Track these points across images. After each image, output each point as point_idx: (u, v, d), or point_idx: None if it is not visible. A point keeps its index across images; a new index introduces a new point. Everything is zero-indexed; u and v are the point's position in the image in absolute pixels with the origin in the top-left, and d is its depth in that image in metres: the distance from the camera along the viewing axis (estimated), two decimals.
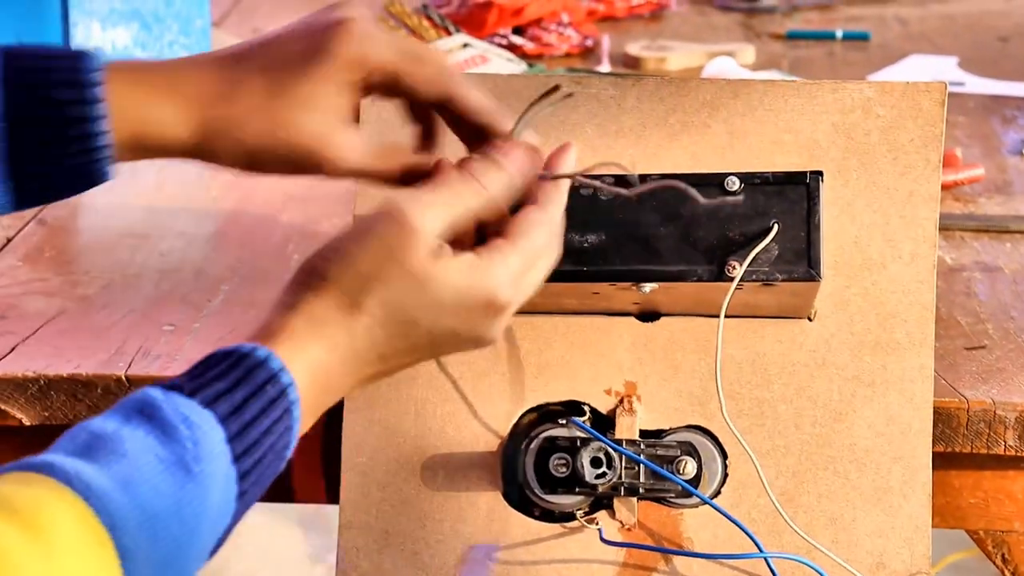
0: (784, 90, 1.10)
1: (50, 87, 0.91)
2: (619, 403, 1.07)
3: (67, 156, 0.92)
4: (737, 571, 1.05)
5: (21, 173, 0.92)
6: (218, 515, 0.80)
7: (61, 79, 0.92)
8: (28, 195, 0.94)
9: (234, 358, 0.83)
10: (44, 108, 0.91)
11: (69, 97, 0.91)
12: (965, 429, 1.10)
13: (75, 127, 0.92)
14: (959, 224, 1.40)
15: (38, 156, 0.92)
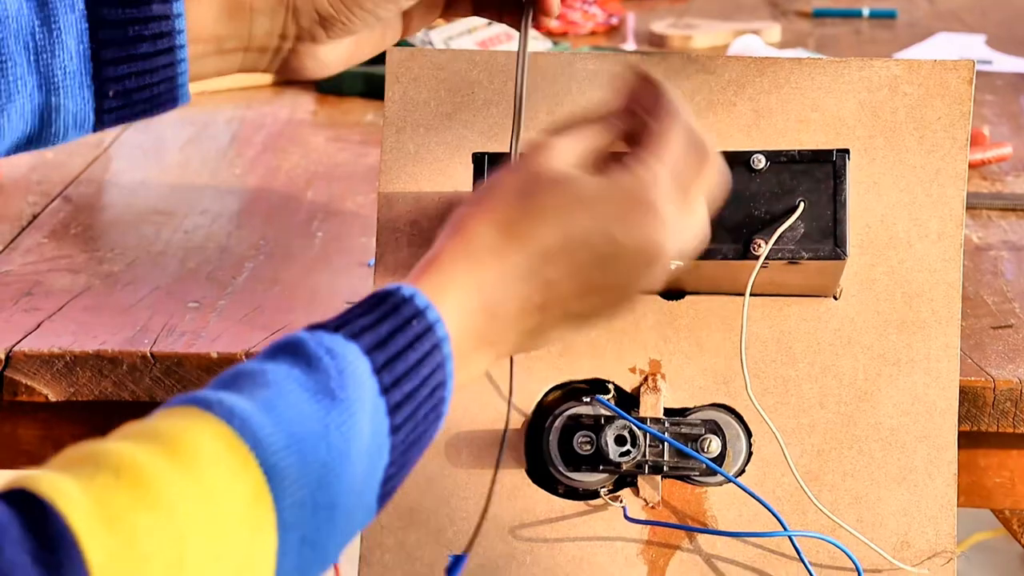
0: (810, 68, 1.10)
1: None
2: (643, 381, 1.07)
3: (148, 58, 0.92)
4: (761, 549, 1.06)
5: (102, 78, 0.92)
6: (371, 447, 0.78)
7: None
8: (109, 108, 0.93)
9: (379, 297, 0.81)
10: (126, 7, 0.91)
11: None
12: (991, 408, 1.10)
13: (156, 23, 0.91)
14: (986, 203, 1.40)
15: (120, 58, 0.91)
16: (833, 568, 1.05)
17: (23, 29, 0.89)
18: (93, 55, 0.91)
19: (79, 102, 0.92)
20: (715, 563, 1.06)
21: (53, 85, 0.91)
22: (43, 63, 0.90)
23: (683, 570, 1.06)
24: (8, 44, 0.89)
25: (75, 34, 0.90)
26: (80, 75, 0.91)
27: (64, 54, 0.90)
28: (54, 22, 0.90)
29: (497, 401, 1.07)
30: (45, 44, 0.90)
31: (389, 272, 1.09)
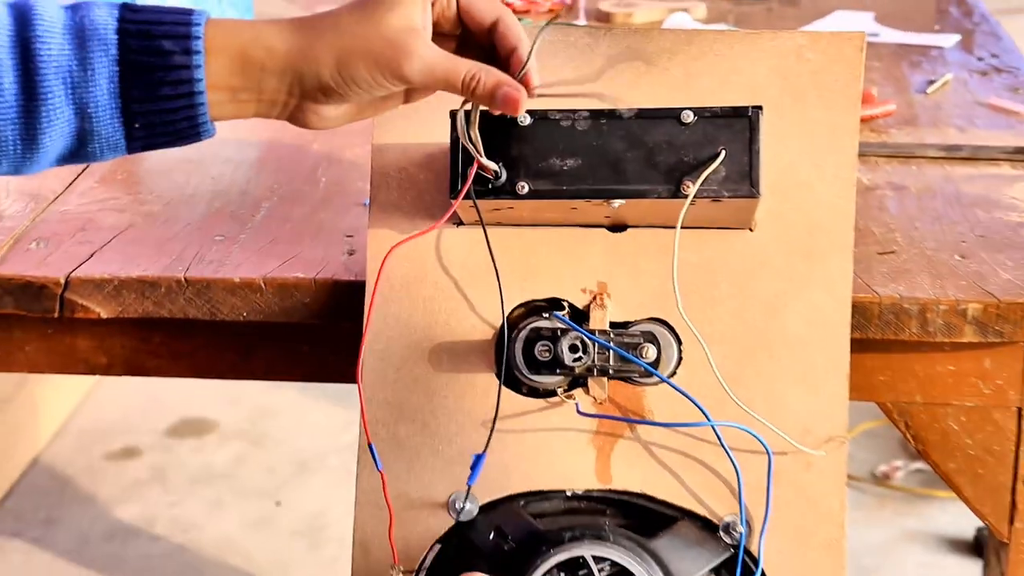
0: (730, 39, 1.09)
1: (158, 38, 0.91)
2: (593, 300, 1.07)
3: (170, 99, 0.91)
4: (689, 437, 1.06)
5: (131, 114, 0.91)
6: None
7: (168, 32, 0.91)
8: (136, 139, 0.93)
9: None
10: (152, 56, 0.91)
11: (173, 48, 0.91)
12: (877, 319, 1.10)
13: (177, 72, 0.91)
14: (874, 151, 1.39)
15: (145, 97, 0.91)
16: (748, 452, 1.05)
17: (63, 67, 0.90)
18: (122, 93, 0.91)
19: (110, 130, 0.92)
20: (651, 449, 1.06)
21: (87, 115, 0.91)
22: (78, 96, 0.90)
23: (625, 455, 1.07)
24: (49, 78, 0.90)
25: (107, 75, 0.90)
26: (110, 108, 0.91)
27: (97, 90, 0.91)
28: (89, 64, 0.90)
29: (471, 316, 1.07)
30: (81, 81, 0.90)
31: (381, 210, 1.09)
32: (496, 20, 0.96)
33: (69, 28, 0.90)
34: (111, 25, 0.91)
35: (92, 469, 2.47)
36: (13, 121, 0.90)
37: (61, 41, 0.90)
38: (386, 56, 0.92)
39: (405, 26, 0.92)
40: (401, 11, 0.93)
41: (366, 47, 0.92)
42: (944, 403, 1.14)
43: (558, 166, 1.02)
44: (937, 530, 2.31)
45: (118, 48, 0.90)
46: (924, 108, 1.52)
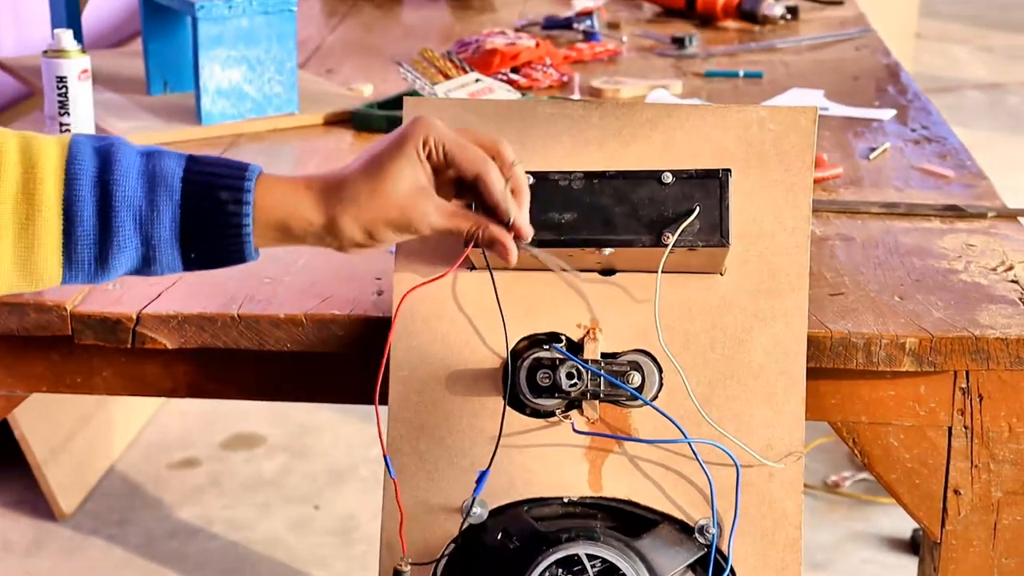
0: (703, 111, 1.08)
1: (217, 188, 0.93)
2: (586, 334, 1.06)
3: (221, 238, 0.94)
4: (669, 452, 1.05)
5: (188, 246, 0.94)
6: None
7: (226, 184, 0.94)
8: (192, 263, 0.95)
9: None
10: (209, 204, 0.93)
11: (227, 198, 0.93)
12: (829, 351, 1.10)
13: (229, 218, 0.94)
14: (825, 207, 1.39)
15: (202, 236, 0.94)
16: (719, 464, 1.04)
17: (134, 206, 0.92)
18: (182, 231, 0.93)
19: (170, 259, 0.94)
20: (637, 462, 1.05)
21: (151, 245, 0.93)
22: (145, 231, 0.93)
23: (614, 467, 1.05)
24: (121, 214, 0.92)
25: (170, 216, 0.93)
26: (171, 242, 0.93)
27: (161, 227, 0.93)
28: (156, 206, 0.93)
29: (482, 348, 1.06)
30: (148, 218, 0.93)
31: (405, 257, 1.08)
32: (476, 177, 0.96)
33: (142, 173, 0.93)
34: (178, 174, 0.93)
35: (158, 477, 2.46)
36: (89, 247, 0.92)
37: (135, 184, 0.92)
38: (404, 220, 0.95)
39: (412, 188, 0.95)
40: (407, 176, 0.95)
41: (385, 217, 0.95)
42: (886, 423, 1.13)
43: (556, 219, 1.01)
44: (879, 531, 2.30)
45: (181, 195, 0.93)
46: (867, 171, 1.52)
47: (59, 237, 0.91)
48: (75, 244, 0.92)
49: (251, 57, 1.62)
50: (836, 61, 2.09)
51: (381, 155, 0.95)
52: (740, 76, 1.97)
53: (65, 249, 0.92)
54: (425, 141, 0.95)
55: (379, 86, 1.86)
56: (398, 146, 0.95)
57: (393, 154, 0.95)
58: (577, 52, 2.06)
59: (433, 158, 0.96)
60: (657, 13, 2.40)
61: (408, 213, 0.94)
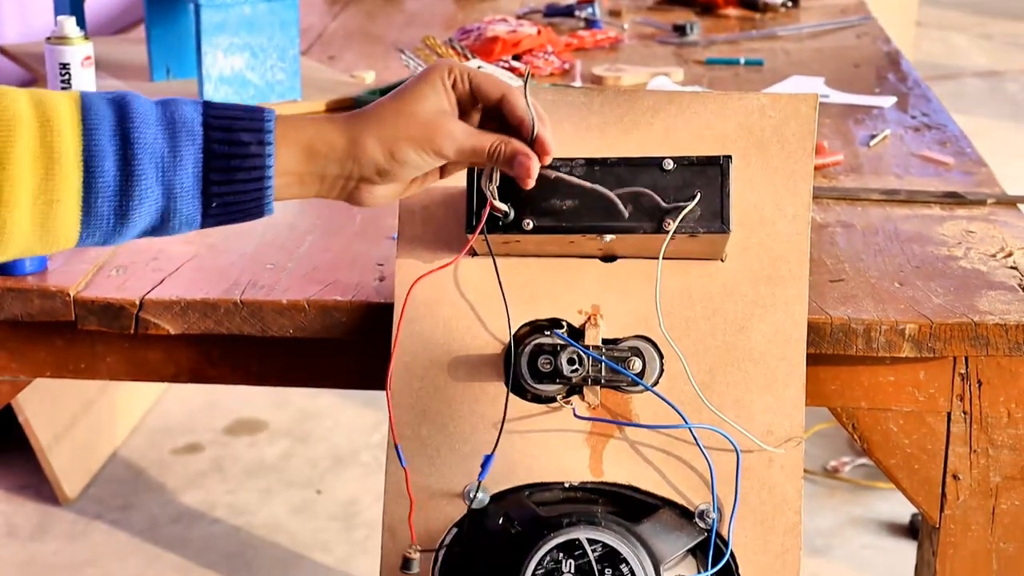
0: (704, 99, 1.08)
1: (238, 131, 0.92)
2: (587, 320, 1.06)
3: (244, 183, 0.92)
4: (669, 437, 1.05)
5: (209, 194, 0.92)
6: None
7: (246, 126, 0.92)
8: (210, 214, 0.93)
9: None
10: (232, 146, 0.91)
11: (250, 140, 0.92)
12: (829, 337, 1.10)
13: (252, 160, 0.92)
14: (826, 194, 1.39)
15: (223, 180, 0.92)
16: (719, 450, 1.04)
17: (156, 153, 0.90)
18: (204, 176, 0.91)
19: (190, 208, 0.92)
20: (637, 447, 1.05)
21: (173, 194, 0.91)
22: (167, 178, 0.90)
23: (615, 452, 1.06)
24: (144, 162, 0.90)
25: (193, 161, 0.91)
26: (193, 189, 0.91)
27: (183, 173, 0.91)
28: (178, 151, 0.91)
29: (484, 334, 1.06)
30: (170, 165, 0.90)
31: (407, 242, 1.08)
32: (501, 97, 0.96)
33: (160, 120, 0.91)
34: (197, 119, 0.91)
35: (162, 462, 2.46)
36: (110, 199, 0.89)
37: (155, 131, 0.90)
38: (427, 138, 0.94)
39: (436, 110, 0.95)
40: (431, 100, 0.95)
41: (408, 134, 0.94)
42: (885, 408, 1.13)
43: (559, 206, 1.01)
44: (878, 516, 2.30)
45: (203, 139, 0.91)
46: (867, 159, 1.52)
47: (79, 191, 0.88)
48: (95, 197, 0.89)
49: (254, 44, 1.62)
50: (837, 49, 2.08)
51: (405, 86, 0.96)
52: (741, 64, 1.96)
53: (85, 203, 0.89)
54: (450, 71, 0.96)
55: (381, 73, 1.85)
56: (423, 76, 0.96)
57: (418, 82, 0.96)
58: (578, 39, 2.05)
59: (458, 87, 0.96)
60: (658, 1, 2.40)
61: (431, 131, 0.94)
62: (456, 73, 0.96)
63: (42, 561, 2.18)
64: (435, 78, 0.95)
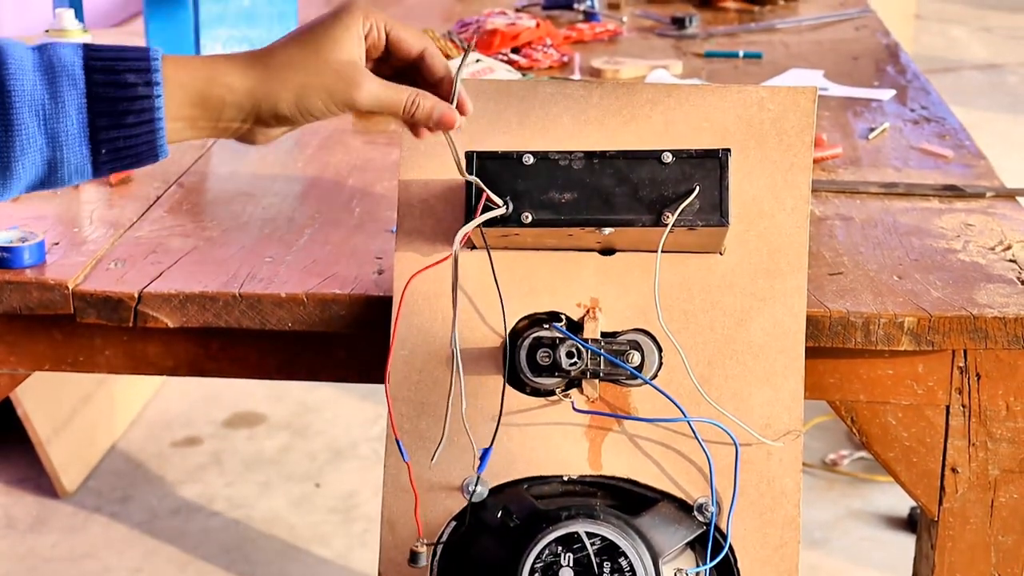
0: (703, 92, 1.08)
1: (122, 72, 0.87)
2: (586, 313, 1.06)
3: (133, 126, 0.87)
4: (669, 430, 1.05)
5: (97, 141, 0.87)
6: None
7: (131, 67, 0.88)
8: (101, 163, 0.89)
9: None
10: (117, 88, 0.87)
11: (136, 80, 0.87)
12: (828, 330, 1.10)
13: (140, 102, 0.87)
14: (824, 187, 1.39)
15: (111, 125, 0.87)
16: (718, 443, 1.04)
17: (35, 101, 0.86)
18: (89, 123, 0.87)
19: (79, 156, 0.88)
20: (636, 440, 1.05)
21: (58, 143, 0.87)
22: (50, 127, 0.87)
23: (613, 446, 1.06)
24: (22, 112, 0.86)
25: (76, 107, 0.87)
26: (79, 137, 0.87)
27: (67, 120, 0.87)
28: (59, 97, 0.86)
29: (482, 327, 1.06)
30: (52, 112, 0.86)
31: (406, 236, 1.08)
32: (421, 52, 0.93)
33: (38, 66, 0.86)
34: (77, 63, 0.87)
35: (160, 455, 2.46)
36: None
37: (32, 78, 0.86)
38: (339, 88, 0.90)
39: (349, 59, 0.90)
40: (344, 46, 0.90)
41: (320, 82, 0.89)
42: (884, 401, 1.13)
43: (557, 199, 1.01)
44: (877, 509, 2.30)
45: (85, 83, 0.87)
46: (866, 151, 1.51)
47: None
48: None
49: (252, 37, 1.62)
50: (836, 41, 2.08)
51: (316, 25, 0.91)
52: (740, 56, 1.96)
53: None
54: (366, 17, 0.91)
55: None
56: (337, 18, 0.91)
57: (332, 23, 0.91)
58: (577, 32, 2.05)
59: (373, 35, 0.91)
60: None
61: (344, 82, 0.89)
62: (373, 20, 0.91)
63: (41, 554, 2.18)
64: (350, 22, 0.90)
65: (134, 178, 1.40)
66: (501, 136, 1.08)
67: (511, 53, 1.88)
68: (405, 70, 0.94)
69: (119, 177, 1.38)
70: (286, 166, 1.46)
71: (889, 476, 1.16)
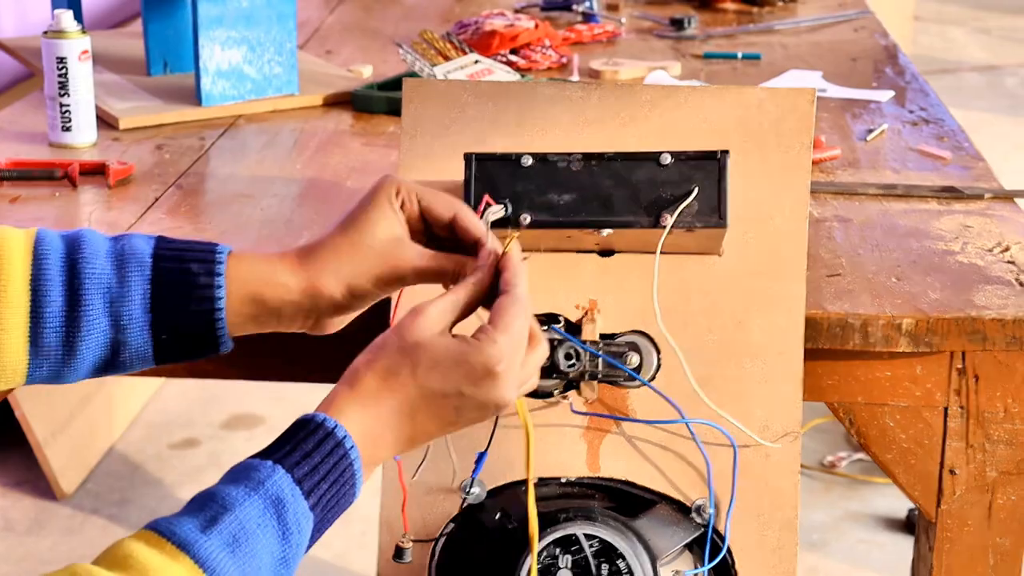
0: (702, 93, 1.08)
1: (188, 261, 0.90)
2: (585, 314, 1.06)
3: (194, 315, 0.90)
4: (667, 432, 1.05)
5: (159, 327, 0.90)
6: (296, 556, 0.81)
7: (196, 257, 0.91)
8: (163, 350, 0.91)
9: (311, 428, 0.83)
10: (180, 275, 0.90)
11: (199, 270, 0.90)
12: (826, 332, 1.10)
13: (201, 290, 0.90)
14: (823, 189, 1.39)
15: (173, 312, 0.90)
16: (717, 445, 1.04)
17: (103, 283, 0.89)
18: (152, 307, 0.89)
19: (140, 341, 0.90)
20: (635, 442, 1.06)
21: (121, 326, 0.89)
22: (114, 308, 0.89)
23: (612, 447, 1.06)
24: (90, 293, 0.88)
25: (141, 291, 0.89)
26: (142, 320, 0.90)
27: (131, 303, 0.89)
28: (126, 281, 0.89)
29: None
30: (118, 295, 0.89)
31: None
32: (452, 216, 0.93)
33: (111, 253, 0.90)
34: (147, 251, 0.90)
35: (159, 457, 2.46)
36: (57, 329, 0.88)
37: (104, 262, 0.89)
38: (387, 269, 0.91)
39: (390, 238, 0.92)
40: (382, 226, 0.92)
41: (366, 268, 0.91)
42: (882, 403, 1.13)
43: (556, 201, 1.01)
44: (875, 511, 2.30)
45: (152, 269, 0.90)
46: (865, 153, 1.51)
47: (26, 319, 0.87)
48: (42, 326, 0.88)
49: (251, 38, 1.62)
50: (834, 43, 2.08)
51: (354, 213, 0.93)
52: (739, 58, 1.96)
53: (32, 333, 0.88)
54: (397, 192, 0.93)
55: (379, 67, 1.85)
56: (370, 201, 0.93)
57: (367, 208, 0.93)
58: (576, 33, 2.05)
59: (407, 207, 0.93)
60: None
61: (391, 261, 0.91)
62: (404, 193, 0.93)
63: (39, 556, 2.18)
64: (384, 202, 0.92)
65: (133, 180, 1.40)
66: (500, 137, 1.08)
67: (510, 54, 1.88)
68: (442, 235, 0.95)
69: (117, 178, 1.38)
70: (284, 168, 1.46)
71: (887, 478, 1.16)
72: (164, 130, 1.57)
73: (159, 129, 1.57)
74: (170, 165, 1.46)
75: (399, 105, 1.12)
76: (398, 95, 1.21)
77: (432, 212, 0.93)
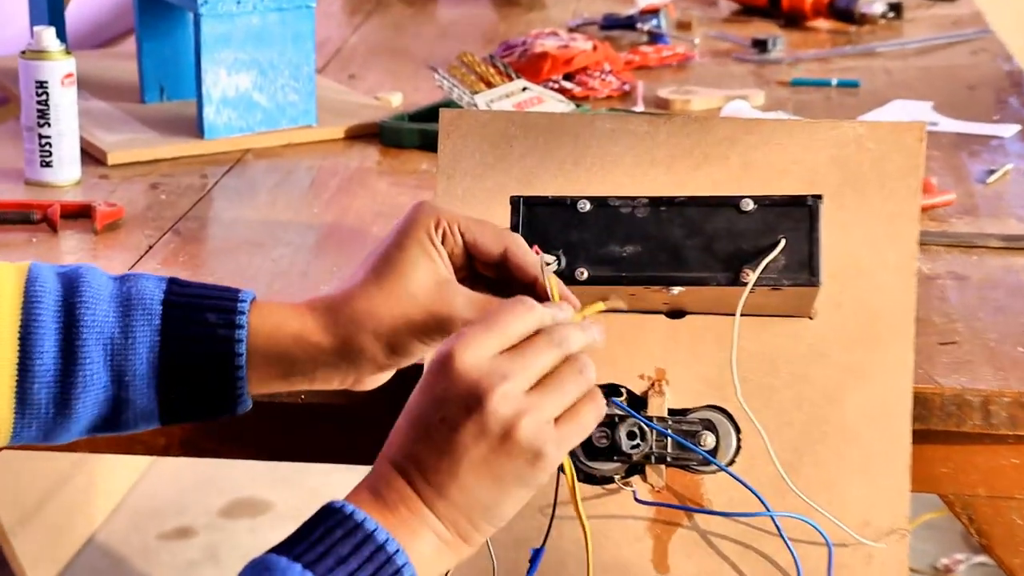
0: (790, 127, 1.09)
1: (204, 310, 0.90)
2: (651, 386, 1.07)
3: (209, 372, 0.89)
4: (748, 527, 1.05)
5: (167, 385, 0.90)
6: None
7: (214, 305, 0.90)
8: (170, 411, 0.91)
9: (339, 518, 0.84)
10: (194, 327, 0.89)
11: (216, 320, 0.89)
12: (939, 410, 1.09)
13: (219, 344, 0.89)
14: (934, 240, 1.39)
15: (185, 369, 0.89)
16: (807, 543, 1.04)
17: (104, 333, 0.88)
18: (160, 363, 0.89)
19: (144, 400, 0.90)
20: (709, 538, 1.05)
21: (123, 383, 0.89)
22: (117, 363, 0.89)
23: (683, 544, 1.05)
24: (88, 344, 0.88)
25: (148, 344, 0.89)
26: (147, 377, 0.89)
27: (136, 357, 0.89)
28: (131, 332, 0.89)
29: None
30: (121, 348, 0.88)
31: None
32: (503, 252, 0.91)
33: (115, 297, 0.89)
34: (157, 296, 0.89)
35: (146, 549, 2.47)
36: (48, 384, 0.88)
37: (106, 308, 0.88)
38: (433, 321, 0.89)
39: (434, 283, 0.90)
40: (423, 268, 0.90)
41: (409, 322, 0.89)
42: (1008, 496, 1.12)
43: (617, 252, 1.02)
44: None
45: (161, 318, 0.89)
46: (984, 198, 1.51)
47: (12, 372, 0.87)
48: (31, 381, 0.87)
49: (262, 60, 1.64)
50: (948, 68, 2.09)
51: (388, 251, 0.90)
52: (833, 85, 1.97)
53: (19, 388, 0.87)
54: (437, 224, 0.90)
55: (410, 95, 1.87)
56: (406, 235, 0.90)
57: (403, 246, 0.90)
58: (641, 56, 2.07)
59: (449, 241, 0.91)
60: (735, 11, 2.41)
61: (436, 312, 0.89)
62: (444, 226, 0.90)
63: None
64: (422, 237, 0.90)
65: (123, 224, 1.42)
66: (552, 178, 1.09)
67: (563, 80, 1.90)
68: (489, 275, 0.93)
69: (105, 221, 1.40)
70: (300, 212, 1.48)
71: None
72: (160, 166, 1.60)
73: (154, 165, 1.60)
74: (167, 207, 1.48)
75: (434, 139, 1.13)
76: (433, 127, 1.22)
77: (479, 247, 0.91)
